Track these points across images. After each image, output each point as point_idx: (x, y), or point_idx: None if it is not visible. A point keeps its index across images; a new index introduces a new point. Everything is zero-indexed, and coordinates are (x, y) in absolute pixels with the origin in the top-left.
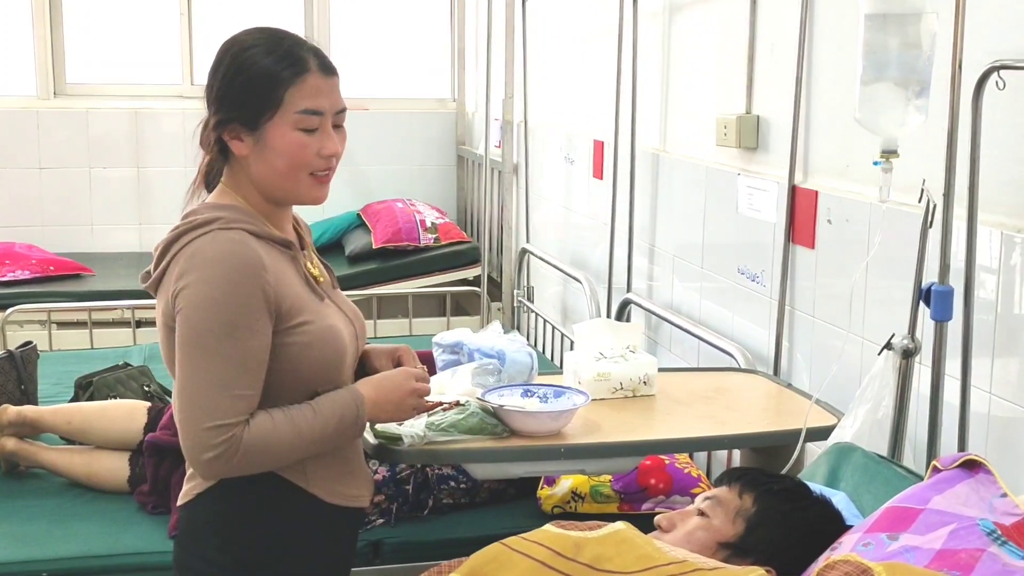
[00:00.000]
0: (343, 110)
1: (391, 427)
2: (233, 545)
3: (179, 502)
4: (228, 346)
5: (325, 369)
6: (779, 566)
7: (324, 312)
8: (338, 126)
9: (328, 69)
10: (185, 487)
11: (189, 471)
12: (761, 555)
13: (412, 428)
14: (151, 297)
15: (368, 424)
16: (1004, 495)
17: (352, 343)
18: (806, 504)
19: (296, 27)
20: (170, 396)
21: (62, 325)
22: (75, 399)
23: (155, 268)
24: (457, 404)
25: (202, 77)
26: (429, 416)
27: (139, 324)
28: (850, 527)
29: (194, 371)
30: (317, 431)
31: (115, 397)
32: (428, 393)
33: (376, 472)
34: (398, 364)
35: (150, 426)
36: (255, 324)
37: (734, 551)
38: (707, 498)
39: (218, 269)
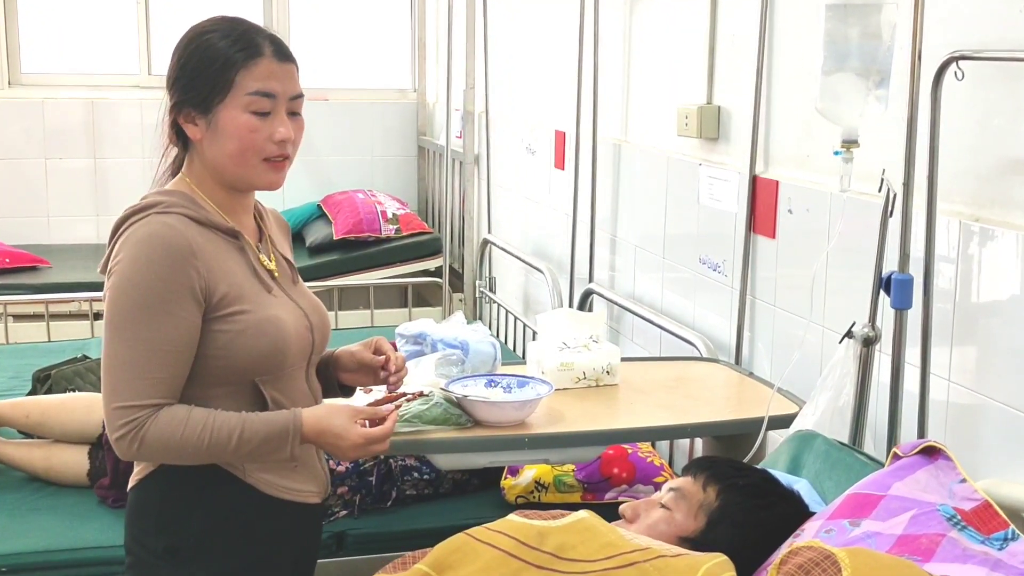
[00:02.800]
0: (299, 96)
1: None
2: (167, 531)
3: (128, 485)
4: (142, 328)
5: (261, 359)
6: (740, 562)
7: (267, 303)
8: (295, 113)
9: (284, 55)
10: (135, 470)
11: None
12: (721, 551)
13: None
14: (101, 275)
15: None
16: (963, 481)
17: (302, 336)
18: (771, 501)
19: (255, 15)
20: None
21: (19, 318)
22: (33, 392)
23: (106, 253)
24: (421, 395)
25: (160, 67)
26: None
27: (97, 316)
28: (812, 513)
29: (109, 351)
30: (232, 444)
31: (74, 390)
32: (380, 452)
33: (339, 464)
34: (377, 351)
35: None
36: (174, 308)
37: (694, 546)
38: (671, 489)
39: (142, 251)
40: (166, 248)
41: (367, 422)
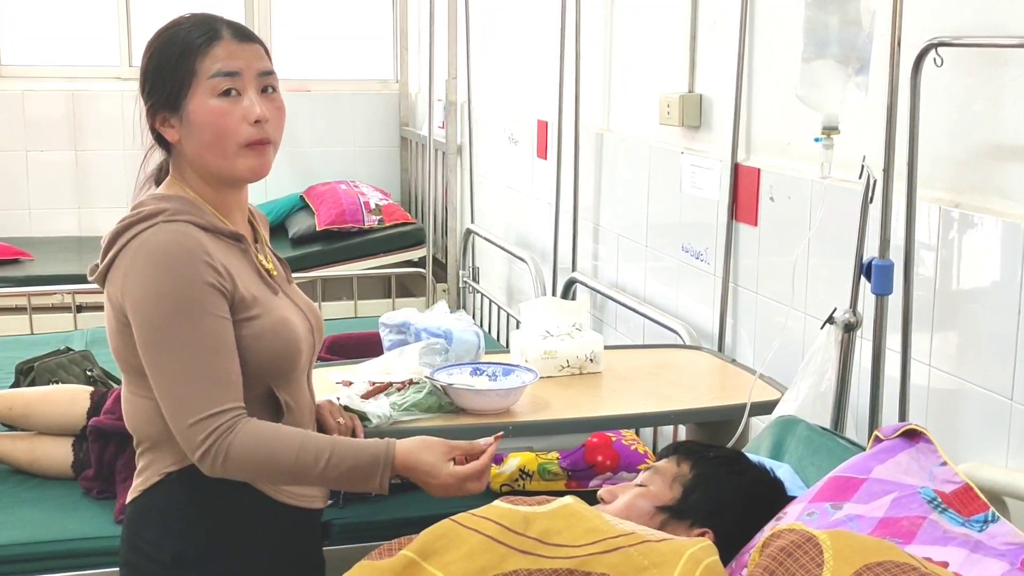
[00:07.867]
0: (268, 73)
1: (355, 401)
2: (174, 538)
3: (127, 499)
4: (185, 332)
5: (276, 361)
6: (716, 526)
7: (276, 305)
8: (270, 90)
9: (244, 36)
10: (134, 482)
11: (139, 465)
12: (698, 516)
13: (378, 408)
14: (92, 282)
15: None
16: (944, 464)
17: (307, 337)
18: (741, 468)
19: (237, 5)
20: (113, 380)
21: (1, 311)
22: (16, 385)
23: (102, 260)
24: (411, 383)
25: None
26: (387, 395)
27: (80, 309)
28: (793, 497)
29: (162, 370)
30: (320, 468)
31: (57, 382)
32: (477, 491)
33: None
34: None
35: (93, 411)
36: (210, 307)
37: (672, 514)
38: (647, 469)
39: (162, 260)
40: (184, 252)
41: (464, 458)
